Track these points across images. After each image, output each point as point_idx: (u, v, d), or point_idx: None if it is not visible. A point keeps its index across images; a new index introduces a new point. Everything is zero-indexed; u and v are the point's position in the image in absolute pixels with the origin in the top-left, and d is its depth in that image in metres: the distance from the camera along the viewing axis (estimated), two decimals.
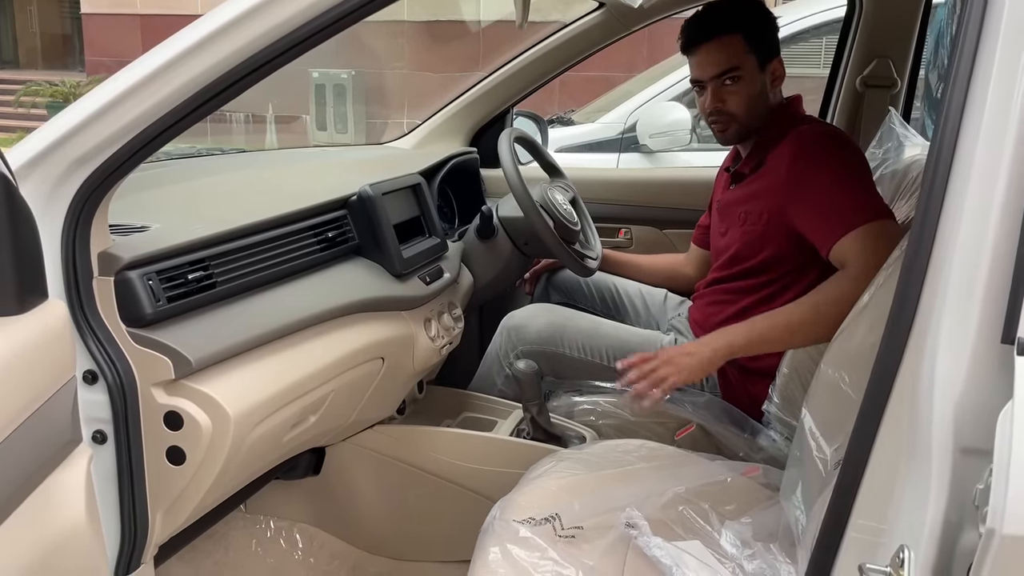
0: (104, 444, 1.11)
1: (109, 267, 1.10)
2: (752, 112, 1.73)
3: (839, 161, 1.61)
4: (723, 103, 1.73)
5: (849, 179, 1.59)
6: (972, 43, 0.78)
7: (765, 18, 1.75)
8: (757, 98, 1.73)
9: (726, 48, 1.70)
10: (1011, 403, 0.71)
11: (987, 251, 0.75)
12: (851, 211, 1.55)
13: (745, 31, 1.70)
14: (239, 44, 1.01)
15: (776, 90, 1.77)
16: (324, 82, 9.47)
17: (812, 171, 1.62)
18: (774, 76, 1.74)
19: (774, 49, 1.74)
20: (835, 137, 1.69)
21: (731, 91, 1.72)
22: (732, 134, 1.77)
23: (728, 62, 1.70)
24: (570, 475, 1.45)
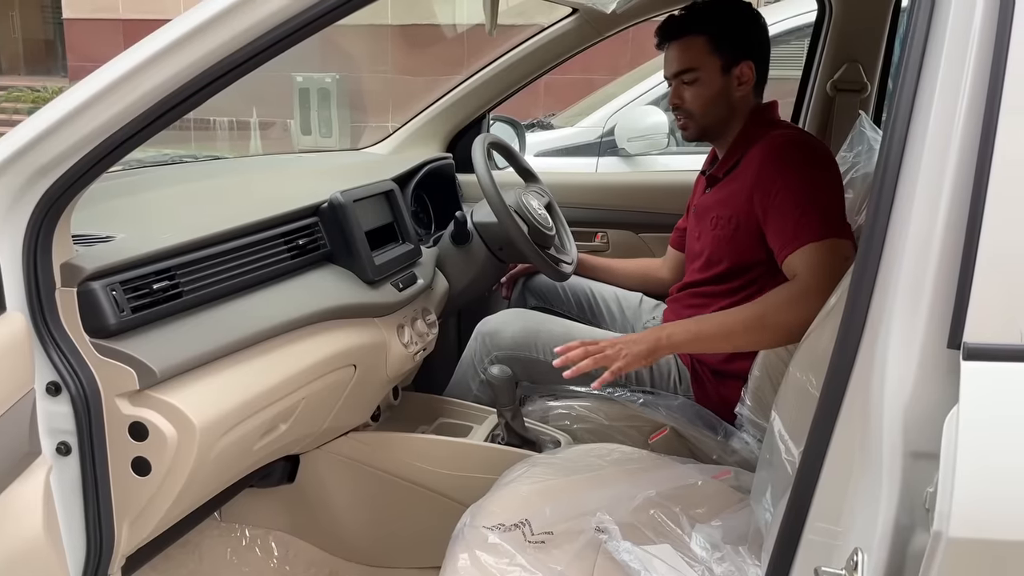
0: (68, 456, 1.11)
1: (72, 278, 1.09)
2: (708, 112, 1.76)
3: (805, 171, 1.62)
4: (681, 100, 1.79)
5: (812, 192, 1.60)
6: (918, 56, 0.79)
7: (739, 22, 1.76)
8: (714, 99, 1.75)
9: (688, 48, 1.74)
10: (957, 407, 0.72)
11: (933, 258, 0.76)
12: (808, 225, 1.57)
13: (711, 33, 1.72)
14: (205, 50, 0.99)
15: (745, 93, 1.77)
16: (308, 86, 9.45)
17: (777, 179, 1.63)
18: (740, 80, 1.75)
19: (745, 53, 1.74)
20: (805, 144, 1.70)
21: (689, 90, 1.76)
22: (691, 132, 1.82)
23: (687, 62, 1.75)
24: (542, 480, 1.46)
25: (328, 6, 0.99)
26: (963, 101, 0.76)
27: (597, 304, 2.14)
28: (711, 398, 1.79)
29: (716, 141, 1.85)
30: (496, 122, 2.67)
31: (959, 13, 0.77)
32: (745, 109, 1.78)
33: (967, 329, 0.73)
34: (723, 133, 1.80)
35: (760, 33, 1.78)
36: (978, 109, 0.75)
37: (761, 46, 1.78)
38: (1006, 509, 0.71)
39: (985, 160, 0.74)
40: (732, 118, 1.78)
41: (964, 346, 0.73)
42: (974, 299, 0.73)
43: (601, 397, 1.81)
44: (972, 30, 0.77)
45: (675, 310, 1.91)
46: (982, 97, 0.75)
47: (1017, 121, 0.74)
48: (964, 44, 0.77)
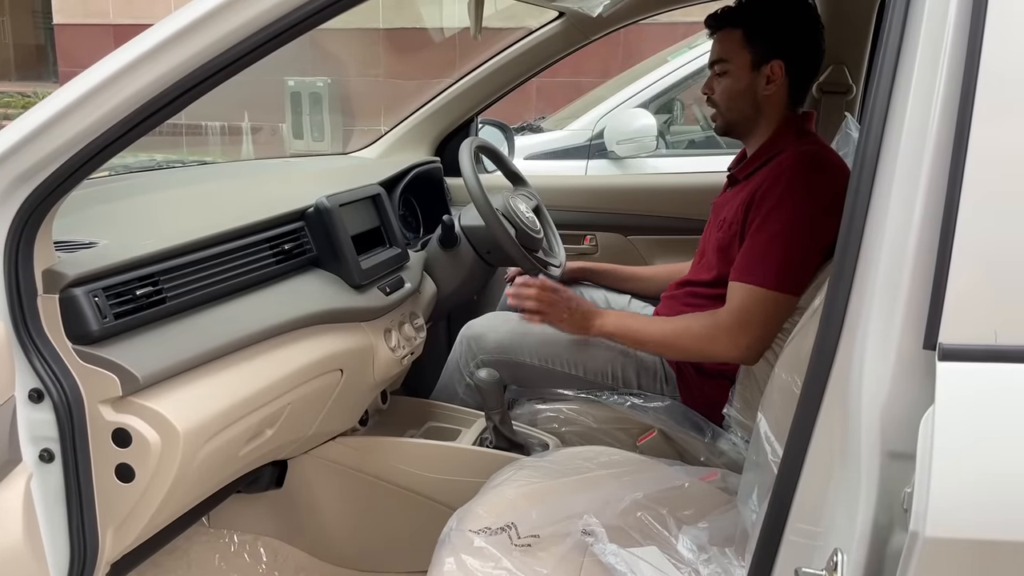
0: (52, 463, 1.10)
1: (54, 284, 1.09)
2: (732, 107, 1.76)
3: (802, 207, 1.59)
4: (711, 91, 1.79)
5: (792, 234, 1.59)
6: (892, 56, 0.80)
7: (779, 19, 1.73)
8: (740, 94, 1.74)
9: (724, 40, 1.74)
10: (932, 408, 0.73)
11: (909, 259, 0.76)
12: (765, 269, 1.59)
13: (747, 27, 1.71)
14: (188, 54, 0.99)
15: (773, 93, 1.72)
16: (300, 90, 9.43)
17: (773, 202, 1.62)
18: (769, 78, 1.71)
19: (778, 51, 1.70)
20: (821, 171, 1.64)
21: (719, 82, 1.76)
22: (718, 124, 1.82)
23: (720, 53, 1.75)
24: (529, 483, 1.46)
25: (310, 10, 0.98)
26: (937, 102, 0.76)
27: None
28: (698, 400, 1.79)
29: (745, 139, 1.82)
30: (485, 126, 2.67)
31: (933, 14, 0.78)
32: (775, 111, 1.74)
33: (942, 330, 0.74)
34: (750, 132, 1.78)
35: (803, 34, 1.74)
36: (952, 110, 0.75)
37: (800, 47, 1.73)
38: (982, 509, 0.71)
39: (959, 161, 0.74)
40: (759, 117, 1.75)
41: (940, 347, 0.73)
42: (949, 300, 0.73)
43: (589, 400, 1.81)
44: (946, 31, 0.77)
45: (671, 306, 1.90)
46: (956, 98, 0.75)
47: (991, 121, 0.75)
48: (938, 44, 0.77)
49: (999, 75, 0.74)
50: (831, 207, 1.55)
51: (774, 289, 1.58)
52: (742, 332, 1.60)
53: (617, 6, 2.00)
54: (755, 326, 1.59)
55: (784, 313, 1.60)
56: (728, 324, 1.61)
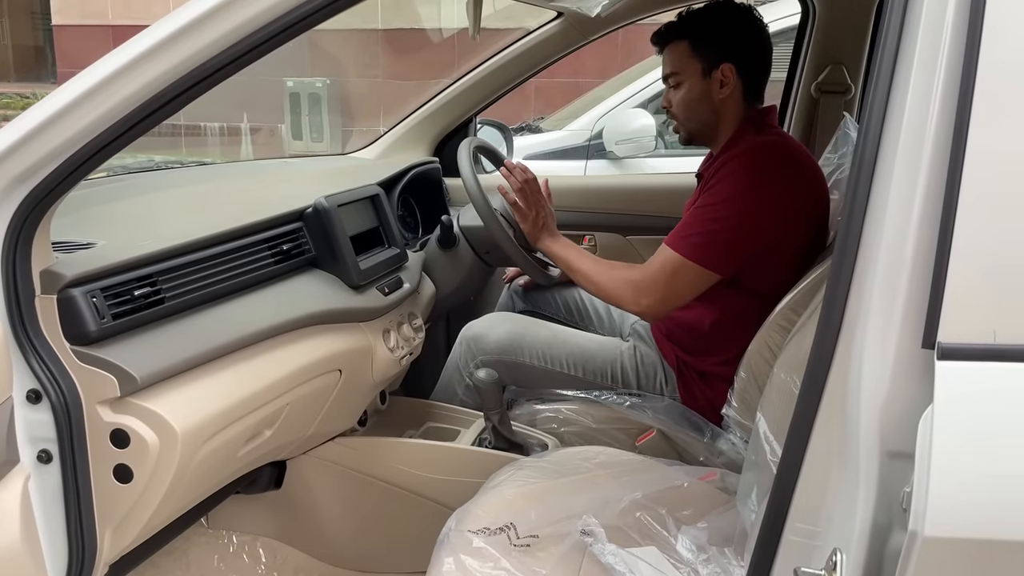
0: (50, 464, 1.10)
1: (51, 285, 1.09)
2: (691, 116, 1.78)
3: (744, 189, 1.63)
4: (669, 104, 1.82)
5: (727, 214, 1.63)
6: (891, 57, 0.79)
7: (723, 24, 1.75)
8: (696, 103, 1.75)
9: (672, 54, 1.77)
10: (931, 407, 0.73)
11: (908, 258, 0.76)
12: (692, 240, 1.64)
13: (693, 38, 1.73)
14: (184, 54, 0.99)
15: (729, 95, 1.73)
16: (299, 91, 9.42)
17: (717, 181, 1.67)
18: (722, 82, 1.73)
19: (726, 55, 1.72)
20: (770, 156, 1.67)
21: (674, 94, 1.79)
22: (681, 135, 1.85)
23: (670, 67, 1.78)
24: (528, 483, 1.46)
25: (308, 10, 0.98)
26: (936, 102, 0.76)
27: (584, 307, 2.14)
28: (697, 400, 1.79)
29: (709, 144, 1.83)
30: (483, 126, 2.67)
31: (931, 14, 0.78)
32: (734, 112, 1.75)
33: (941, 329, 0.73)
34: (712, 136, 1.79)
35: (747, 35, 1.75)
36: (950, 110, 0.75)
37: (747, 47, 1.74)
38: (981, 509, 0.71)
39: (958, 160, 0.74)
40: (719, 121, 1.76)
41: (938, 346, 0.73)
42: (948, 299, 0.73)
43: (588, 400, 1.81)
44: (944, 31, 0.77)
45: None
46: (954, 98, 0.75)
47: (989, 121, 0.75)
48: (936, 45, 0.77)
49: (997, 75, 0.74)
50: (775, 197, 1.63)
51: (692, 260, 1.63)
52: (648, 291, 1.66)
53: (615, 6, 1.99)
54: (659, 289, 1.66)
55: (695, 284, 1.65)
56: (638, 280, 1.68)
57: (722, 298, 1.73)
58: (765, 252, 1.65)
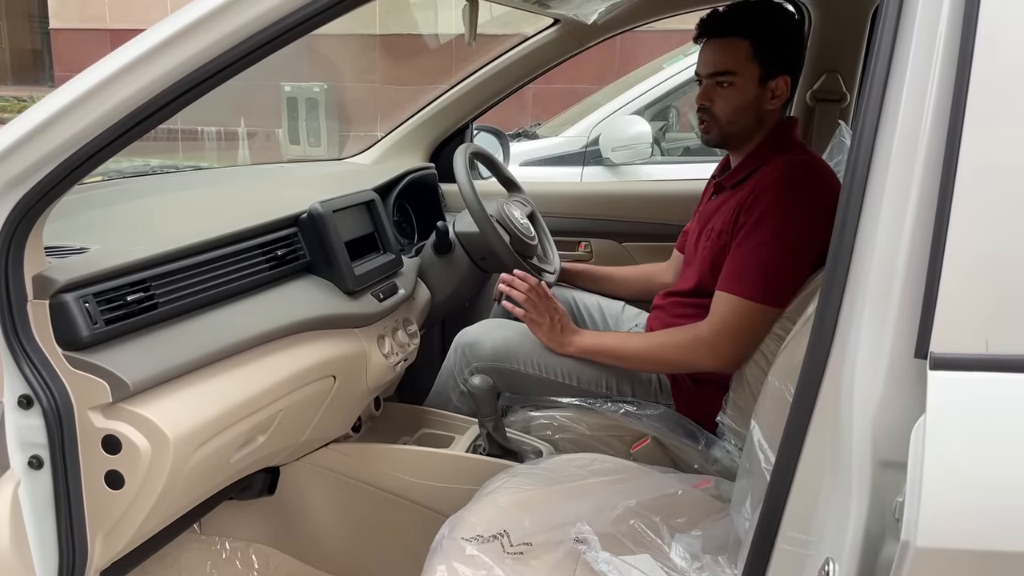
0: (41, 469, 1.10)
1: (44, 290, 1.09)
2: (735, 120, 1.71)
3: (790, 218, 1.58)
4: (710, 102, 1.72)
5: (779, 246, 1.58)
6: (884, 65, 0.80)
7: (784, 33, 1.71)
8: (745, 109, 1.69)
9: (729, 50, 1.68)
10: (923, 417, 0.73)
11: (900, 267, 0.76)
12: (751, 281, 1.59)
13: (756, 39, 1.66)
14: (180, 58, 0.99)
15: (775, 108, 1.72)
16: (296, 96, 9.42)
17: (761, 212, 1.61)
18: (775, 94, 1.70)
19: (785, 67, 1.69)
20: (809, 181, 1.63)
21: (721, 93, 1.70)
22: (712, 136, 1.76)
23: (726, 64, 1.68)
24: (522, 490, 1.45)
25: (306, 14, 0.98)
26: (929, 110, 0.77)
27: (580, 312, 2.14)
28: (692, 407, 1.79)
29: (735, 149, 1.79)
30: (480, 132, 2.67)
31: (924, 22, 0.78)
32: (770, 123, 1.73)
33: (934, 339, 0.74)
34: (744, 143, 1.75)
35: (801, 50, 1.73)
36: (943, 118, 0.76)
37: (799, 62, 1.73)
38: (973, 519, 0.71)
39: (951, 170, 0.74)
40: (757, 130, 1.72)
41: (931, 356, 0.73)
42: (940, 309, 0.73)
43: (583, 407, 1.81)
44: (937, 39, 0.77)
45: (660, 317, 1.91)
46: (947, 106, 0.76)
47: (982, 130, 0.75)
48: (929, 52, 0.77)
49: (990, 85, 0.74)
50: (819, 218, 1.55)
51: (758, 301, 1.58)
52: (724, 344, 1.60)
53: (611, 14, 2.00)
54: (737, 338, 1.60)
55: (767, 324, 1.58)
56: (709, 336, 1.62)
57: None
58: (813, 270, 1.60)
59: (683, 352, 1.65)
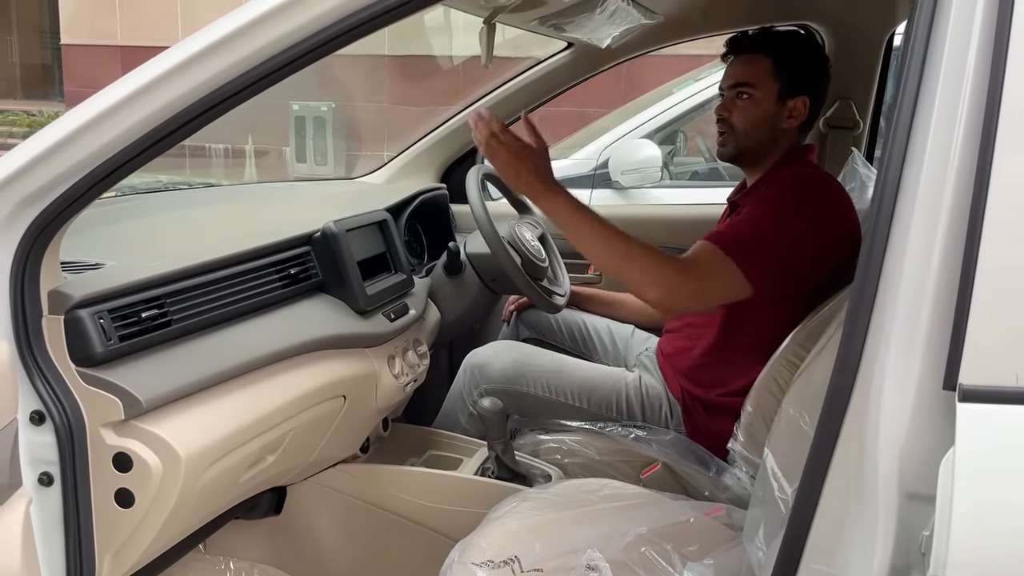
0: (51, 486, 1.09)
1: (59, 306, 1.08)
2: (752, 133, 1.73)
3: (785, 209, 1.61)
4: (728, 113, 1.75)
5: (771, 228, 1.59)
6: (911, 95, 0.79)
7: (806, 57, 1.76)
8: (762, 122, 1.73)
9: (751, 64, 1.73)
10: (952, 450, 0.72)
11: (928, 297, 0.76)
12: (732, 237, 1.58)
13: (778, 58, 1.71)
14: (198, 80, 0.99)
15: (791, 128, 1.75)
16: (304, 114, 9.49)
17: (759, 201, 1.66)
18: (792, 113, 1.73)
19: (804, 88, 1.73)
20: (809, 186, 1.66)
21: (740, 105, 1.74)
22: (728, 148, 1.78)
23: (747, 77, 1.73)
24: (532, 515, 1.44)
25: (324, 38, 0.99)
26: (958, 140, 0.76)
27: (590, 336, 2.13)
28: (703, 433, 1.78)
29: (749, 167, 1.81)
30: None
31: (953, 55, 0.78)
32: (786, 144, 1.76)
33: (963, 370, 0.73)
34: (758, 161, 1.77)
35: (821, 74, 1.77)
36: (973, 149, 0.75)
37: (821, 88, 1.76)
38: (1003, 554, 0.70)
39: (980, 200, 0.74)
40: (772, 148, 1.75)
41: (960, 388, 0.73)
42: (969, 340, 0.73)
43: (592, 431, 1.80)
44: (966, 72, 0.77)
45: (670, 340, 1.90)
46: (977, 137, 0.75)
47: (1012, 160, 0.75)
48: (958, 83, 0.77)
49: (1020, 117, 0.74)
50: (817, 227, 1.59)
51: (731, 256, 1.55)
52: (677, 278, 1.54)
53: (625, 39, 2.01)
54: (692, 277, 1.55)
55: (728, 286, 1.56)
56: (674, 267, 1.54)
57: (744, 328, 1.72)
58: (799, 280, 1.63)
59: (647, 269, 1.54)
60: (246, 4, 1.01)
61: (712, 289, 1.58)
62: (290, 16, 0.97)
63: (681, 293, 1.56)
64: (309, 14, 0.96)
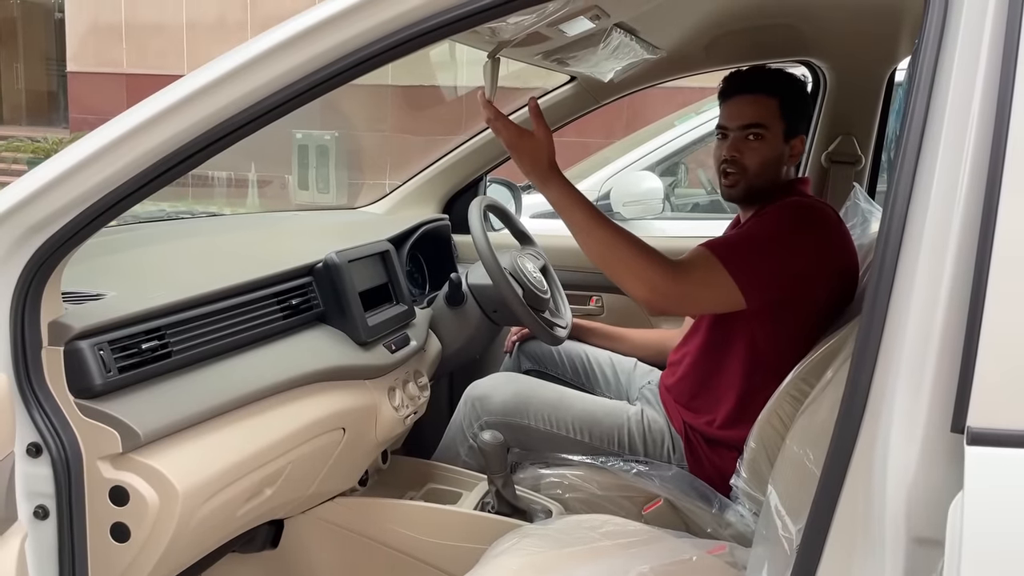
0: (46, 520, 1.07)
1: (59, 337, 1.08)
2: (762, 173, 1.74)
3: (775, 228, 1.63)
4: (740, 154, 1.74)
5: (769, 246, 1.60)
6: (917, 132, 0.79)
7: (804, 96, 1.80)
8: (772, 162, 1.74)
9: (760, 105, 1.73)
10: (961, 493, 0.70)
11: (935, 339, 0.75)
12: (728, 248, 1.59)
13: (783, 99, 1.73)
14: (204, 112, 1.00)
15: (791, 166, 1.78)
16: (307, 143, 9.55)
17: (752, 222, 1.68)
18: (794, 152, 1.76)
19: (802, 128, 1.77)
20: (801, 208, 1.68)
21: (751, 146, 1.73)
22: (739, 189, 1.77)
23: (759, 117, 1.72)
24: (533, 553, 1.42)
25: (331, 72, 0.99)
26: (963, 181, 0.76)
27: (592, 368, 2.12)
28: (705, 469, 1.76)
29: (751, 205, 1.81)
30: (493, 184, 2.68)
31: (958, 94, 0.78)
32: (784, 180, 1.78)
33: (971, 413, 0.72)
34: (762, 198, 1.77)
35: (811, 113, 1.84)
36: (979, 189, 0.75)
37: (810, 124, 1.83)
38: None
39: (987, 241, 0.74)
40: (776, 184, 1.77)
41: (968, 430, 0.72)
42: (977, 382, 0.72)
43: (594, 466, 1.78)
44: (972, 111, 0.77)
45: (672, 373, 1.89)
46: (983, 175, 0.75)
47: (1018, 201, 0.74)
48: (964, 120, 0.77)
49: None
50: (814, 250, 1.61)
51: (726, 266, 1.55)
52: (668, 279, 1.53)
53: (627, 73, 2.02)
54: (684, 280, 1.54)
55: (718, 295, 1.57)
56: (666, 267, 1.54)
57: (734, 352, 1.71)
58: (793, 302, 1.62)
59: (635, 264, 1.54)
60: (253, 38, 1.02)
61: (701, 293, 1.59)
62: (295, 52, 0.97)
63: (668, 293, 1.55)
64: (314, 50, 0.97)
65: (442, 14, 0.95)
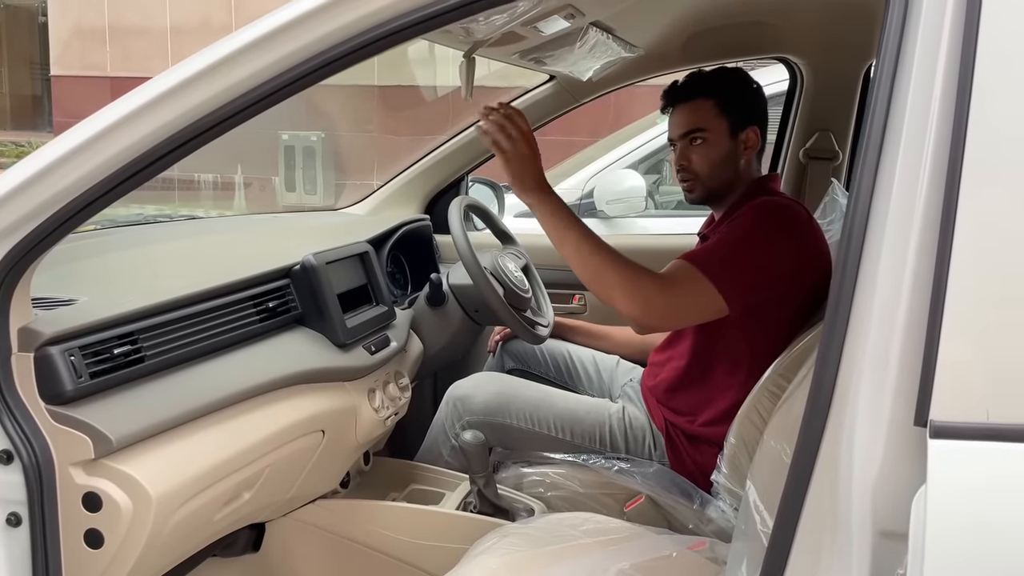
0: (18, 527, 1.06)
1: (29, 343, 1.07)
2: (715, 174, 1.75)
3: (754, 230, 1.64)
4: (688, 161, 1.77)
5: (745, 249, 1.61)
6: (879, 126, 0.80)
7: (745, 87, 1.78)
8: (723, 161, 1.75)
9: (696, 110, 1.75)
10: (924, 487, 0.71)
11: (898, 334, 0.75)
12: (708, 259, 1.60)
13: (719, 97, 1.73)
14: (175, 113, 0.99)
15: (749, 158, 1.77)
16: (294, 144, 9.51)
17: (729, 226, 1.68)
18: (746, 144, 1.75)
19: (751, 118, 1.76)
20: (777, 208, 1.69)
21: (696, 151, 1.75)
22: (696, 194, 1.79)
23: (695, 123, 1.74)
24: (513, 552, 1.42)
25: (299, 73, 0.99)
26: (925, 171, 0.76)
27: (574, 366, 2.12)
28: (687, 465, 1.77)
29: (717, 205, 1.83)
30: (475, 184, 2.68)
31: (918, 92, 0.78)
32: (748, 176, 1.78)
33: (933, 407, 0.72)
34: (725, 197, 1.79)
35: (761, 101, 1.80)
36: (939, 185, 0.75)
37: (763, 113, 1.79)
38: None
39: (947, 236, 0.74)
40: (736, 182, 1.77)
41: (931, 424, 0.72)
42: (940, 376, 0.72)
43: (576, 464, 1.78)
44: (932, 107, 0.77)
45: (652, 373, 1.90)
46: (943, 168, 0.75)
47: (979, 193, 0.75)
48: (925, 113, 0.77)
49: (986, 144, 0.74)
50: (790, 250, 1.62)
51: (709, 277, 1.56)
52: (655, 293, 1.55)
53: (605, 72, 2.03)
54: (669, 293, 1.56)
55: (700, 305, 1.58)
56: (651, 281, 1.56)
57: (718, 354, 1.71)
58: (773, 303, 1.63)
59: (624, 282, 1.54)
60: (222, 39, 1.01)
61: (688, 305, 1.60)
62: (263, 53, 0.97)
63: (657, 308, 1.57)
64: (282, 51, 0.97)
65: (409, 14, 0.94)
